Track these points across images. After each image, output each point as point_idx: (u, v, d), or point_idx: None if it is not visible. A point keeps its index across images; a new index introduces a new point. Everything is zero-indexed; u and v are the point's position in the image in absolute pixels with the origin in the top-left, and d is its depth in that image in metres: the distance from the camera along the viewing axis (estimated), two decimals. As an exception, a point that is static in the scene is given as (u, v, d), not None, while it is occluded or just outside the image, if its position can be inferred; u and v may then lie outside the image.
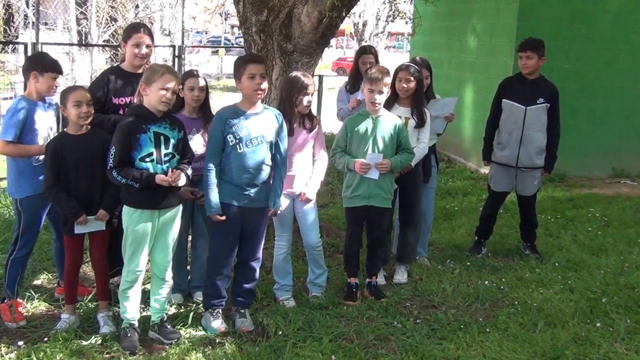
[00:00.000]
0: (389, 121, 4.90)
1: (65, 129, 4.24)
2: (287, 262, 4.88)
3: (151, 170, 4.03)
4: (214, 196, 4.25)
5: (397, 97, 5.24)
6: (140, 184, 3.97)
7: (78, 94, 4.14)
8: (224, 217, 4.27)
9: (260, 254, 4.52)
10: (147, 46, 4.69)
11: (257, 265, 4.52)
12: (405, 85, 5.15)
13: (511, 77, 6.23)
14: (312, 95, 4.75)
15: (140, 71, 4.62)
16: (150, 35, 4.77)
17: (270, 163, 4.39)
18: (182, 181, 4.11)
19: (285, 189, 4.72)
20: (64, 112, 4.16)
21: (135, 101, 4.21)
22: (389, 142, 4.87)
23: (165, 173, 4.05)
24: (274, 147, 4.41)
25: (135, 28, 4.72)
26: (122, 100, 4.60)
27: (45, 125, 4.41)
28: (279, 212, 4.59)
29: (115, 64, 4.89)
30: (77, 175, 4.15)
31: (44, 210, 4.49)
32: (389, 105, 5.23)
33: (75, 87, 4.33)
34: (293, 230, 4.94)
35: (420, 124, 5.19)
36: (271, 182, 4.44)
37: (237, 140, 4.24)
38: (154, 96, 4.00)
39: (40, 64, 4.36)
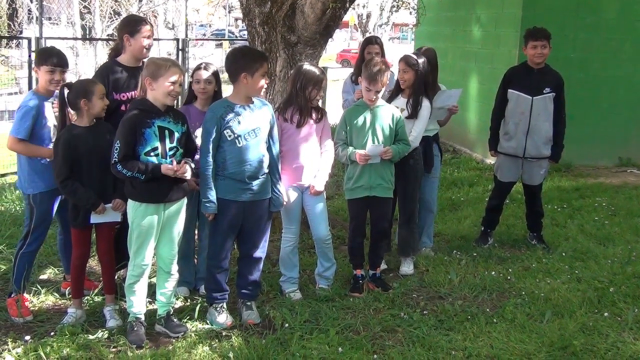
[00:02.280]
0: (387, 112, 4.88)
1: (73, 122, 4.20)
2: (294, 255, 4.87)
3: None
4: (212, 194, 4.22)
5: (401, 87, 5.24)
6: (146, 176, 3.95)
7: (102, 87, 4.21)
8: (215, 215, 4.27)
9: (264, 246, 4.50)
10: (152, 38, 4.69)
11: (261, 257, 4.50)
12: (403, 77, 5.15)
13: (516, 66, 6.18)
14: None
15: (139, 64, 4.61)
16: (150, 26, 4.77)
17: (267, 154, 4.36)
18: (188, 174, 4.09)
19: (294, 181, 4.72)
20: (85, 105, 4.11)
21: (138, 95, 4.19)
22: (388, 133, 4.85)
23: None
24: (267, 144, 4.37)
25: (140, 21, 4.66)
26: (124, 96, 4.54)
27: (53, 122, 4.39)
28: (284, 203, 4.59)
29: (108, 60, 4.82)
30: (89, 167, 4.14)
31: (54, 206, 4.49)
32: (394, 95, 5.24)
33: (96, 81, 4.31)
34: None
35: (412, 115, 5.16)
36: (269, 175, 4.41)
37: (236, 135, 4.19)
38: (161, 90, 3.97)
39: (39, 58, 4.34)
